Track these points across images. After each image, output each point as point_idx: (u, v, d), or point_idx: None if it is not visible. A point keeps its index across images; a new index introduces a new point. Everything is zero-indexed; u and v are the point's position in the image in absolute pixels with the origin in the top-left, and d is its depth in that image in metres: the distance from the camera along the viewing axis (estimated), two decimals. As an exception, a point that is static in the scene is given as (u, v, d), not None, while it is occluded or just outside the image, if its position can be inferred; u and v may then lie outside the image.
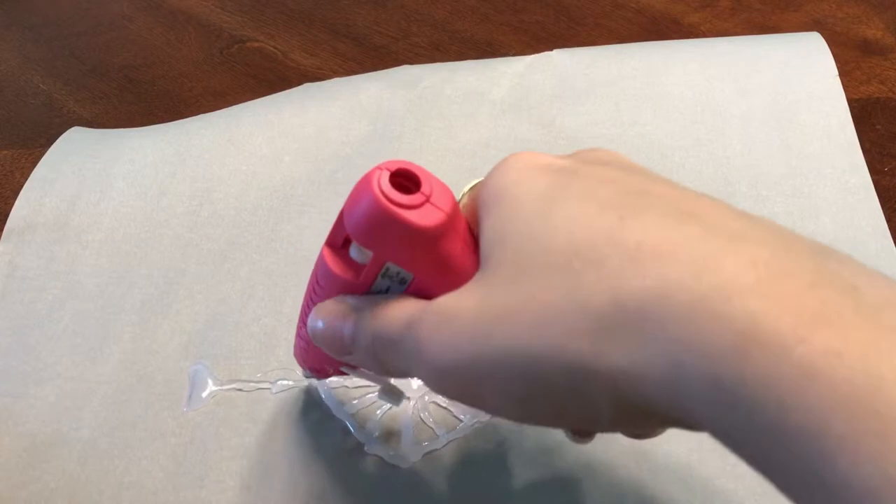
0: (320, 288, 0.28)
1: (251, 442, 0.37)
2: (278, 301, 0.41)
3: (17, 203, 0.47)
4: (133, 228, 0.46)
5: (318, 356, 0.31)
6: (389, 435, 0.37)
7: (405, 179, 0.24)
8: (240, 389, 0.39)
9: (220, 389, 0.39)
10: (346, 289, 0.26)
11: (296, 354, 0.34)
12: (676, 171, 0.44)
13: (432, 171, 0.45)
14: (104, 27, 0.61)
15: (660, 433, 0.29)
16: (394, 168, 0.24)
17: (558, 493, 0.34)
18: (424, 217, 0.23)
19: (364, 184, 0.24)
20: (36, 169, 0.49)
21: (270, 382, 0.39)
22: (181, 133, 0.50)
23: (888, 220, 0.41)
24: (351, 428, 0.37)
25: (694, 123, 0.46)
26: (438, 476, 0.35)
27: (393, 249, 0.24)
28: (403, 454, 0.36)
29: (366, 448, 0.36)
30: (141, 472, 0.37)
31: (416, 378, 0.25)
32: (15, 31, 0.62)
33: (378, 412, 0.37)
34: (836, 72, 0.46)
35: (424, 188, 0.24)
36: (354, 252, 0.26)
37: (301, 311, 0.31)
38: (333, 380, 0.38)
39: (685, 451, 0.34)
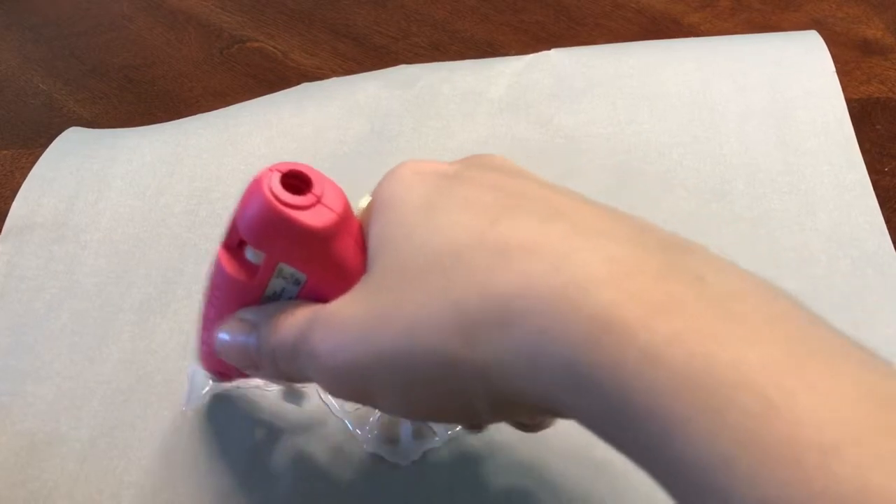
0: (216, 289, 0.28)
1: (250, 441, 0.37)
2: (276, 300, 0.41)
3: (15, 203, 0.47)
4: (131, 228, 0.46)
5: (221, 360, 0.31)
6: (388, 433, 0.37)
7: (297, 180, 0.25)
8: (238, 388, 0.39)
9: (219, 389, 0.39)
10: (242, 290, 0.27)
11: (201, 359, 0.34)
12: (674, 169, 0.44)
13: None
14: (104, 27, 0.61)
15: (549, 425, 0.30)
16: (285, 169, 0.24)
17: (557, 492, 0.34)
18: (315, 217, 0.24)
19: (255, 185, 0.24)
20: (34, 169, 0.49)
21: (269, 382, 0.39)
22: (179, 133, 0.50)
23: (888, 221, 0.41)
24: (350, 426, 0.37)
25: (691, 121, 0.46)
26: (437, 474, 0.35)
27: (285, 250, 0.25)
28: (402, 452, 0.36)
29: (365, 446, 0.36)
30: (140, 471, 0.37)
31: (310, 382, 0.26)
32: (15, 31, 0.62)
33: (377, 412, 0.37)
34: (833, 69, 0.46)
35: (316, 189, 0.24)
36: (250, 254, 0.26)
37: (202, 315, 0.31)
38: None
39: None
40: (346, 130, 0.48)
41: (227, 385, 0.38)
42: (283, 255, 0.25)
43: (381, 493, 0.35)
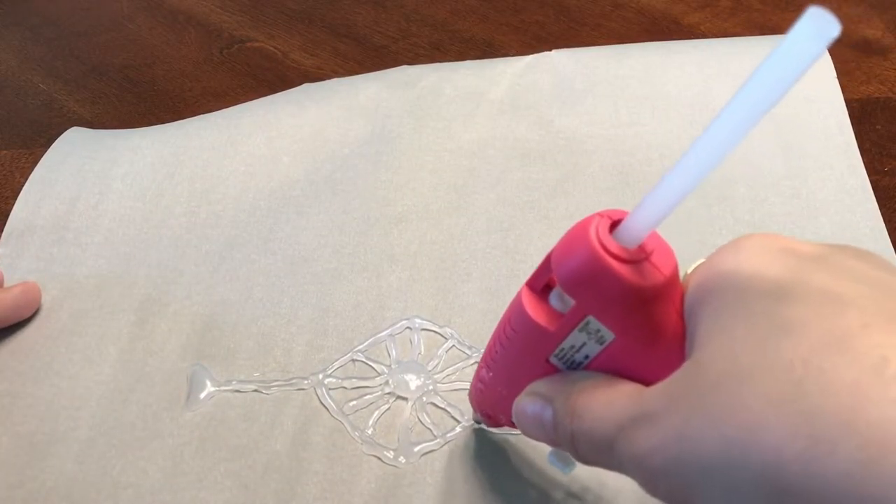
0: (511, 330, 0.26)
1: (249, 442, 0.37)
2: (276, 302, 0.41)
3: (16, 205, 0.47)
4: (132, 229, 0.46)
5: (494, 404, 0.29)
6: (387, 436, 0.37)
7: None
8: (238, 390, 0.39)
9: (218, 390, 0.39)
10: (538, 335, 0.25)
11: (470, 396, 0.33)
12: (675, 172, 0.44)
13: (431, 170, 0.46)
14: (104, 27, 0.61)
15: None
16: (616, 217, 0.22)
17: (555, 494, 0.34)
18: (640, 275, 0.21)
19: (580, 229, 0.22)
20: (35, 170, 0.49)
21: (268, 383, 0.39)
22: (180, 134, 0.50)
23: (888, 221, 0.41)
24: (348, 428, 0.37)
25: (692, 124, 0.45)
26: (435, 477, 0.35)
27: (599, 303, 0.22)
28: (401, 455, 0.36)
29: (363, 449, 0.36)
30: (138, 472, 0.37)
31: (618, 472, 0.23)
32: (15, 31, 0.62)
33: (376, 413, 0.37)
34: (834, 73, 0.46)
35: (647, 244, 0.22)
36: (555, 299, 0.25)
37: (487, 350, 0.29)
38: (331, 380, 0.38)
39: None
40: (347, 131, 0.48)
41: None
42: (596, 309, 0.23)
43: (380, 495, 0.35)
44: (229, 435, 0.37)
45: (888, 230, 0.40)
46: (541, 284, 0.25)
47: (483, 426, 0.36)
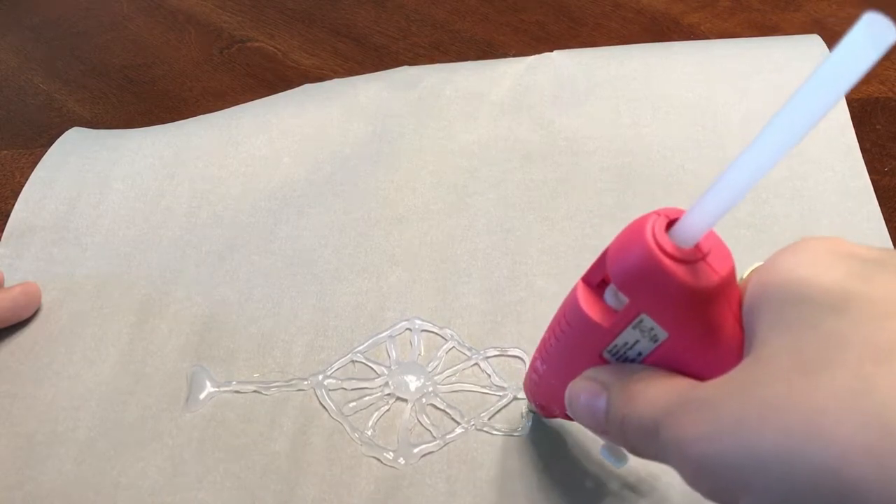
0: (567, 324, 0.26)
1: (248, 443, 0.37)
2: (276, 303, 0.41)
3: (16, 205, 0.47)
4: (132, 230, 0.46)
5: (548, 395, 0.29)
6: (387, 437, 0.36)
7: None
8: (237, 391, 0.39)
9: (218, 391, 0.39)
10: (592, 331, 0.25)
11: (525, 386, 0.33)
12: (676, 173, 0.44)
13: (432, 171, 0.46)
14: (104, 27, 0.61)
15: None
16: (673, 216, 0.22)
17: (554, 496, 0.34)
18: (695, 275, 0.21)
19: (637, 227, 0.22)
20: (35, 170, 0.49)
21: (268, 384, 0.39)
22: (180, 134, 0.50)
23: (888, 221, 0.41)
24: (348, 430, 0.37)
25: (693, 125, 0.45)
26: (435, 478, 0.35)
27: (652, 302, 0.22)
28: (400, 456, 0.36)
29: (363, 450, 0.36)
30: (138, 473, 0.37)
31: (665, 464, 0.23)
32: (15, 31, 0.62)
33: (375, 414, 0.37)
34: None
35: (703, 244, 0.22)
36: (610, 296, 0.24)
37: (542, 342, 0.29)
38: (330, 381, 0.38)
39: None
40: (348, 132, 0.48)
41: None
42: (649, 307, 0.23)
43: (379, 497, 0.35)
44: (229, 436, 0.37)
45: (889, 230, 0.40)
46: (597, 280, 0.25)
47: (536, 414, 0.35)
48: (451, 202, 0.44)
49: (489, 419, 0.36)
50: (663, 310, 0.22)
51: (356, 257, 0.43)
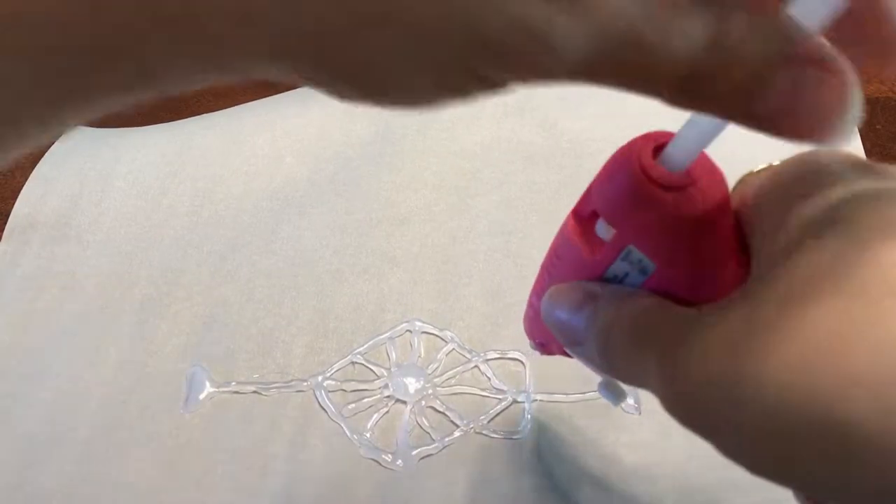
0: (557, 258, 0.25)
1: (247, 444, 0.37)
2: (277, 303, 0.41)
3: (18, 202, 0.47)
4: (134, 228, 0.46)
5: (545, 330, 0.28)
6: (386, 439, 0.36)
7: None
8: (237, 392, 0.38)
9: (218, 391, 0.39)
10: (583, 265, 0.23)
11: (524, 323, 0.31)
12: (679, 175, 0.43)
13: (434, 172, 0.45)
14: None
15: None
16: (662, 140, 0.20)
17: (553, 499, 0.34)
18: (683, 202, 0.20)
19: (623, 152, 0.21)
20: (37, 168, 0.49)
21: (267, 384, 0.38)
22: (183, 133, 0.50)
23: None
24: (347, 431, 0.37)
25: (696, 127, 0.45)
26: (434, 480, 0.35)
27: (639, 232, 0.21)
28: (399, 459, 0.36)
29: (362, 452, 0.36)
30: (137, 473, 0.37)
31: (641, 389, 0.21)
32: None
33: (375, 416, 0.37)
34: None
35: (694, 170, 0.20)
36: (601, 228, 0.23)
37: (537, 278, 0.28)
38: (330, 382, 0.38)
39: (683, 458, 0.34)
40: (351, 132, 0.48)
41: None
42: (636, 238, 0.21)
43: (377, 499, 0.35)
44: (228, 436, 0.37)
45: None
46: (586, 211, 0.24)
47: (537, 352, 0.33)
48: (453, 204, 0.44)
49: (488, 422, 0.36)
50: (649, 239, 0.21)
51: (357, 258, 0.43)
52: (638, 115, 0.46)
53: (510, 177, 0.45)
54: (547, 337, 0.29)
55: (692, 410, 0.18)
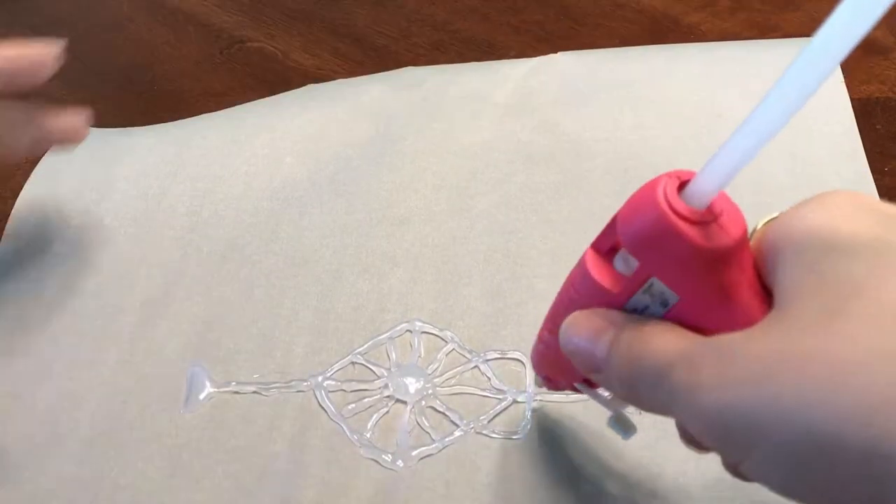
0: (575, 292, 0.26)
1: (247, 444, 0.37)
2: (277, 303, 0.41)
3: (17, 202, 0.47)
4: (134, 229, 0.46)
5: (554, 365, 0.29)
6: (386, 439, 0.36)
7: None
8: (237, 392, 0.38)
9: (218, 391, 0.39)
10: (603, 298, 0.24)
11: (532, 357, 0.32)
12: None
13: (435, 172, 0.46)
14: (104, 27, 0.61)
15: None
16: (685, 177, 0.22)
17: (552, 499, 0.34)
18: (707, 236, 0.21)
19: (649, 188, 0.22)
20: (37, 168, 0.49)
21: (267, 384, 0.39)
22: (183, 133, 0.50)
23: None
24: (347, 431, 0.37)
25: (698, 128, 0.45)
26: (434, 481, 0.35)
27: (663, 264, 0.22)
28: (399, 459, 0.36)
29: (362, 452, 0.36)
30: (137, 473, 0.37)
31: (670, 417, 0.22)
32: (15, 31, 0.61)
33: (375, 416, 0.37)
34: (841, 78, 0.46)
35: (715, 206, 0.21)
36: (619, 262, 0.24)
37: (550, 312, 0.28)
38: (330, 382, 0.38)
39: (683, 458, 0.34)
40: (351, 133, 0.48)
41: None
42: (659, 270, 0.22)
43: (377, 499, 0.35)
44: (228, 437, 0.37)
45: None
46: (606, 247, 0.25)
47: (544, 389, 0.35)
48: (453, 204, 0.44)
49: (488, 422, 0.36)
50: (674, 272, 0.22)
51: (357, 258, 0.43)
52: (637, 117, 0.46)
53: (510, 177, 0.45)
54: (555, 372, 0.30)
55: (724, 438, 0.19)
